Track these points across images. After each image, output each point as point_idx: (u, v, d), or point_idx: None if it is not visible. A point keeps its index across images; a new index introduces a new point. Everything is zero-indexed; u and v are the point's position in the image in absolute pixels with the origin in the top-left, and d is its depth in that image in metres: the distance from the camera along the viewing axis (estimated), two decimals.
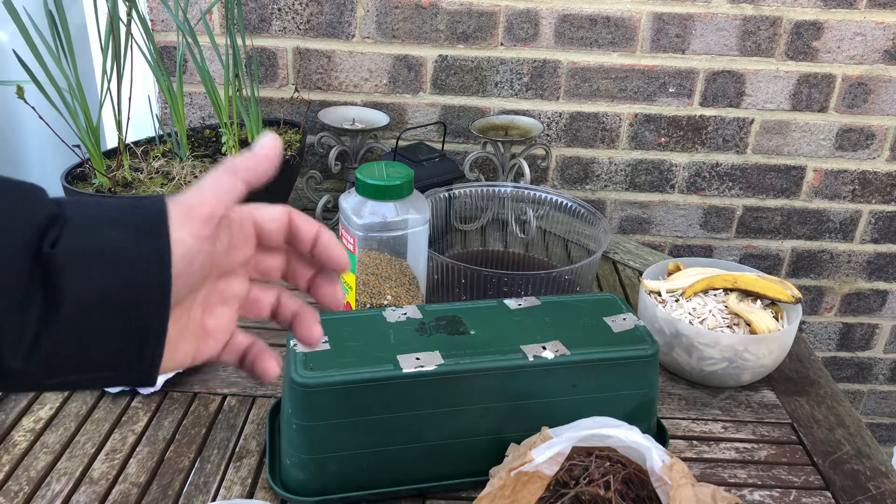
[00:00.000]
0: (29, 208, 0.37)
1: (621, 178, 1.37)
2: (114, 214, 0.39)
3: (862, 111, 1.32)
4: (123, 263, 0.37)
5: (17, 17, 0.88)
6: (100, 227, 0.37)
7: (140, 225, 0.38)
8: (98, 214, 0.38)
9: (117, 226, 0.38)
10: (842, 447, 0.81)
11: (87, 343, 0.37)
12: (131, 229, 0.38)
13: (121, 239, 0.37)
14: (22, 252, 0.36)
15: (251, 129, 1.08)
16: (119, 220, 0.38)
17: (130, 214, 0.39)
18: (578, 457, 0.65)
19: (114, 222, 0.38)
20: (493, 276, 0.89)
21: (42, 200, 0.38)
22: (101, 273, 0.37)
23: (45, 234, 0.36)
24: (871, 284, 1.47)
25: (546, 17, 1.25)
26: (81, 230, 0.37)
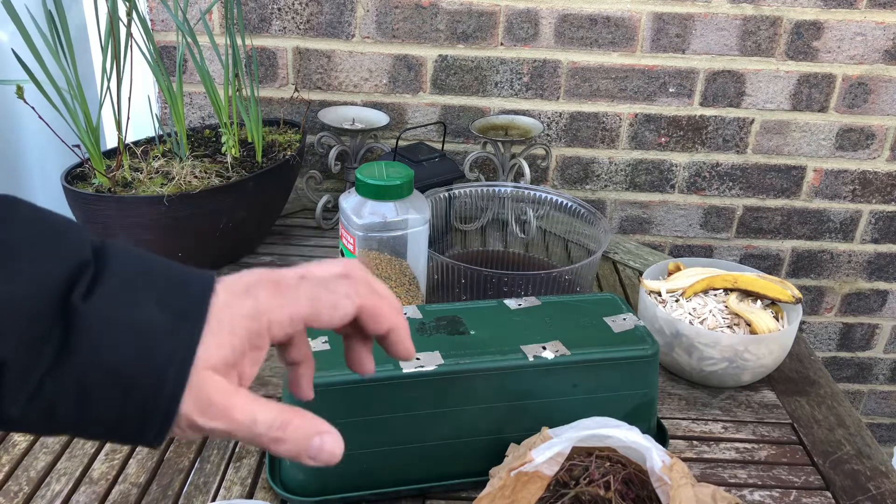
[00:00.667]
0: (62, 249, 0.36)
1: (621, 178, 1.37)
2: (158, 283, 0.37)
3: (862, 111, 1.32)
4: (150, 343, 0.36)
5: (16, 17, 0.88)
6: (138, 294, 0.36)
7: (180, 307, 0.37)
8: (140, 279, 0.37)
9: (152, 301, 0.36)
10: (842, 447, 0.81)
11: (88, 405, 0.36)
12: (170, 310, 0.36)
13: (156, 318, 0.36)
14: (45, 295, 0.34)
15: (251, 129, 1.08)
16: (157, 292, 0.37)
17: (166, 288, 0.37)
18: (578, 457, 0.65)
19: (150, 293, 0.37)
20: (493, 276, 0.89)
21: (77, 242, 0.37)
22: (125, 345, 0.35)
23: (76, 282, 0.35)
24: (872, 284, 1.47)
25: (546, 17, 1.25)
26: (119, 291, 0.36)
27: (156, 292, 0.37)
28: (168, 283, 0.38)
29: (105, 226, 0.97)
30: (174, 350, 0.36)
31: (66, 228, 0.37)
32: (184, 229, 0.98)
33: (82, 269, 0.36)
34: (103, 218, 0.96)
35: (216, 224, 1.01)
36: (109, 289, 0.36)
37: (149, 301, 0.36)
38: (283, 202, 1.14)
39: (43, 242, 0.36)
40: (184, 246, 1.00)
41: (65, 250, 0.36)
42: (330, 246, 1.17)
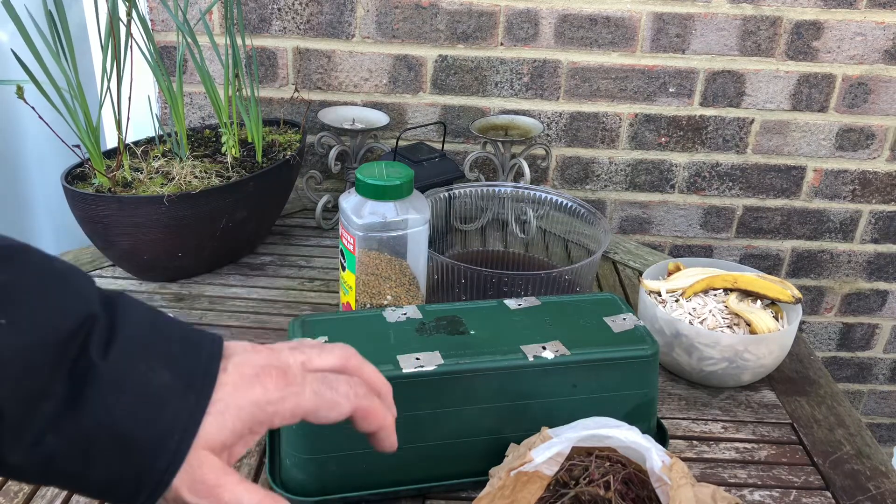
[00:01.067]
0: (68, 301, 0.36)
1: (621, 178, 1.37)
2: (172, 343, 0.38)
3: (862, 111, 1.32)
4: (157, 410, 0.37)
5: (16, 17, 0.88)
6: (153, 355, 0.37)
7: (189, 373, 0.38)
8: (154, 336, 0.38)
9: (167, 367, 0.37)
10: (842, 447, 0.81)
11: (87, 462, 0.36)
12: (180, 375, 0.37)
13: (167, 382, 0.37)
14: (46, 347, 0.35)
15: (251, 129, 1.08)
16: (169, 357, 0.38)
17: (180, 354, 0.38)
18: (578, 457, 0.65)
19: (163, 357, 0.38)
20: (493, 276, 0.89)
21: (84, 294, 0.37)
22: (135, 410, 0.36)
23: (89, 336, 0.36)
24: (871, 284, 1.47)
25: (546, 17, 1.25)
26: (137, 350, 0.37)
27: (169, 354, 0.38)
28: (179, 343, 0.39)
29: (105, 226, 0.97)
30: (177, 420, 0.37)
31: (74, 278, 0.38)
32: (184, 229, 0.98)
33: (90, 323, 0.36)
34: (103, 218, 0.96)
35: (216, 224, 1.01)
36: (127, 347, 0.37)
37: (162, 363, 0.37)
38: (283, 202, 1.14)
39: (48, 292, 0.36)
40: (184, 246, 1.00)
41: (71, 302, 0.36)
42: (330, 246, 1.17)
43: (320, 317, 0.75)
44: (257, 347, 0.43)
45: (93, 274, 1.06)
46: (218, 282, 1.06)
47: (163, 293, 1.02)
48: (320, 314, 0.77)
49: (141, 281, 1.05)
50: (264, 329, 0.96)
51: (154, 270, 1.03)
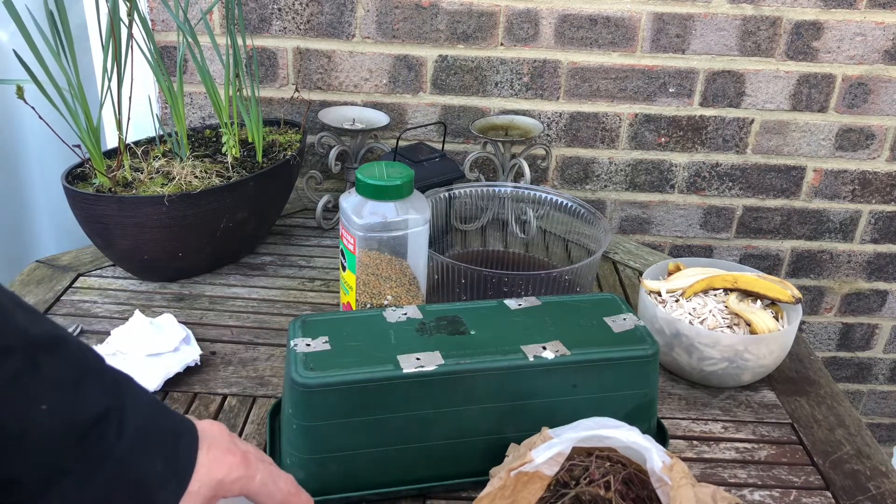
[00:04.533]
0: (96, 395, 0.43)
1: (621, 178, 1.37)
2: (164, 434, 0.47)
3: (862, 111, 1.32)
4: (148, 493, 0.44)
5: (17, 17, 0.88)
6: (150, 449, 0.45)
7: (174, 463, 0.46)
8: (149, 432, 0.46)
9: (161, 457, 0.46)
10: (842, 447, 0.81)
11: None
12: (168, 465, 0.46)
13: (159, 471, 0.45)
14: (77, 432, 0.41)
15: (251, 129, 1.08)
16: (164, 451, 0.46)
17: (171, 444, 0.47)
18: (579, 457, 0.65)
19: (160, 450, 0.46)
20: (493, 276, 0.89)
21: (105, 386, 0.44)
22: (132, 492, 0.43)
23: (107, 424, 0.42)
24: (871, 284, 1.47)
25: (546, 17, 1.25)
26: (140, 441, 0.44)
27: (163, 446, 0.46)
28: (171, 436, 0.47)
29: (105, 226, 0.97)
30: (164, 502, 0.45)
31: (99, 371, 0.44)
32: (184, 229, 0.98)
33: (109, 415, 0.43)
34: (104, 218, 0.96)
35: (216, 224, 1.01)
36: (134, 439, 0.44)
37: (157, 454, 0.45)
38: (283, 202, 1.15)
39: (81, 383, 0.43)
40: (184, 246, 1.00)
41: (97, 394, 0.43)
42: (330, 246, 1.17)
43: (320, 317, 0.75)
44: (221, 428, 0.53)
45: (93, 274, 1.06)
46: (218, 282, 1.06)
47: (163, 293, 1.02)
48: (320, 314, 0.77)
49: (141, 281, 1.05)
50: (264, 329, 0.96)
51: (154, 270, 1.04)
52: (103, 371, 0.45)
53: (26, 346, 0.41)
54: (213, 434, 0.51)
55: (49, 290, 1.01)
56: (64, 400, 0.41)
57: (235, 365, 0.89)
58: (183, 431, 0.49)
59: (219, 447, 0.50)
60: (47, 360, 0.41)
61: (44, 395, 0.40)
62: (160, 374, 0.83)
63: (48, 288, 1.02)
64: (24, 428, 0.39)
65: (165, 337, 0.87)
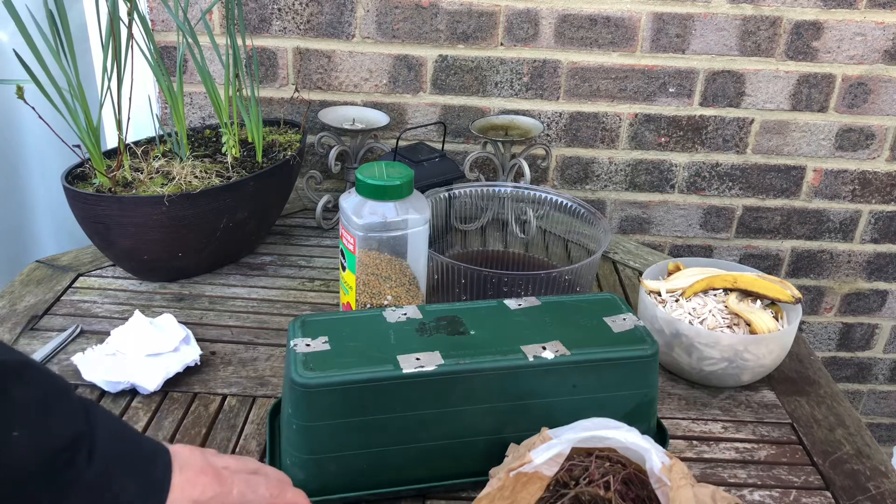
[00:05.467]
0: (65, 420, 0.43)
1: (621, 178, 1.37)
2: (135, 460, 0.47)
3: (862, 111, 1.32)
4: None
5: (16, 17, 0.88)
6: (122, 470, 0.45)
7: (149, 487, 0.47)
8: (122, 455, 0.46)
9: (134, 480, 0.46)
10: (842, 447, 0.81)
11: None
12: (142, 489, 0.46)
13: (133, 494, 0.45)
14: (48, 458, 0.41)
15: (251, 128, 1.08)
16: (137, 474, 0.46)
17: (145, 472, 0.47)
18: (578, 457, 0.65)
19: (133, 473, 0.46)
20: (493, 276, 0.89)
21: (74, 412, 0.44)
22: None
23: (76, 453, 0.42)
24: (871, 284, 1.47)
25: (546, 17, 1.25)
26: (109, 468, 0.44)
27: (135, 470, 0.46)
28: (142, 460, 0.48)
29: (105, 226, 0.97)
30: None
31: (67, 395, 0.44)
32: (184, 229, 0.98)
33: (79, 440, 0.43)
34: (103, 218, 0.96)
35: (216, 224, 1.01)
36: (105, 463, 0.44)
37: (130, 478, 0.46)
38: (283, 202, 1.15)
39: (51, 409, 0.42)
40: (184, 246, 1.01)
41: (67, 419, 0.43)
42: (330, 246, 1.17)
43: (320, 317, 0.75)
44: (194, 450, 0.54)
45: (93, 274, 1.06)
46: (218, 282, 1.06)
47: (163, 293, 1.02)
48: (320, 314, 0.77)
49: (141, 281, 1.05)
50: (264, 329, 0.96)
51: (154, 270, 1.04)
52: (71, 398, 0.45)
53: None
54: (186, 456, 0.52)
55: (49, 291, 1.01)
56: (34, 426, 0.41)
57: (235, 365, 0.89)
58: (155, 455, 0.49)
59: (191, 468, 0.51)
60: (17, 387, 0.41)
61: (14, 422, 0.40)
62: (160, 374, 0.83)
63: (48, 288, 1.02)
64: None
65: (165, 337, 0.87)
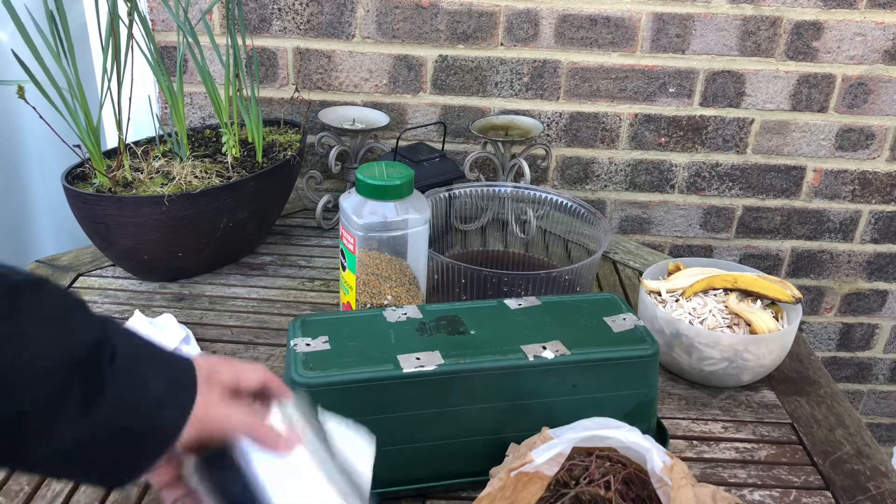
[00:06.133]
0: (86, 326, 0.44)
1: (621, 178, 1.37)
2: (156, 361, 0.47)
3: (862, 111, 1.32)
4: (151, 409, 0.45)
5: (16, 17, 0.88)
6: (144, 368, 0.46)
7: (174, 382, 0.47)
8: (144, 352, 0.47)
9: (159, 376, 0.46)
10: (842, 447, 0.81)
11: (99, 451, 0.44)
12: (168, 383, 0.47)
13: (157, 389, 0.46)
14: (66, 362, 0.42)
15: (251, 129, 1.08)
16: (160, 370, 0.47)
17: (168, 368, 0.48)
18: (579, 457, 0.65)
19: (155, 370, 0.47)
20: (493, 276, 0.89)
21: (92, 322, 0.45)
22: (134, 410, 0.44)
23: (100, 353, 0.43)
24: (871, 284, 1.47)
25: (546, 17, 1.25)
26: (131, 364, 0.45)
27: (160, 373, 0.47)
28: (164, 360, 0.48)
29: (105, 226, 0.97)
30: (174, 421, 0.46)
31: (85, 306, 0.46)
32: (184, 229, 0.98)
33: (102, 344, 0.44)
34: (104, 218, 0.96)
35: (216, 224, 1.01)
36: (128, 363, 0.45)
37: (155, 375, 0.46)
38: (283, 202, 1.14)
39: (72, 315, 0.44)
40: (184, 246, 1.00)
41: (87, 325, 0.44)
42: (330, 246, 1.17)
43: (320, 317, 0.75)
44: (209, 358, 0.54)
45: (93, 273, 1.06)
46: (218, 282, 1.06)
47: (163, 293, 1.02)
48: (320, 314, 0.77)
49: (141, 281, 1.05)
50: (264, 329, 0.96)
51: (154, 270, 1.03)
52: (87, 309, 0.46)
53: (9, 290, 0.42)
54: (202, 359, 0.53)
55: None
56: (55, 333, 0.42)
57: None
58: (178, 359, 0.50)
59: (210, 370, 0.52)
60: (33, 299, 0.43)
61: (34, 330, 0.41)
62: None
63: None
64: (19, 361, 0.40)
65: (165, 337, 0.87)
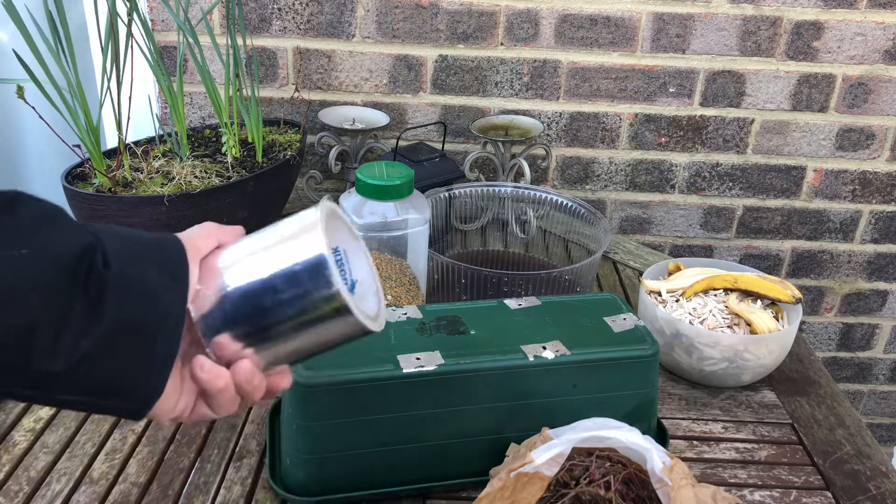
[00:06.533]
0: (69, 231, 0.44)
1: (621, 178, 1.37)
2: (147, 253, 0.48)
3: (862, 111, 1.32)
4: (155, 299, 0.45)
5: (16, 17, 0.88)
6: (138, 263, 0.46)
7: (169, 269, 0.47)
8: (133, 252, 0.47)
9: (152, 266, 0.47)
10: (842, 447, 0.81)
11: (114, 351, 0.44)
12: (163, 272, 0.47)
13: (155, 281, 0.46)
14: (59, 268, 0.42)
15: (251, 128, 1.08)
16: (154, 259, 0.47)
17: (159, 257, 0.48)
18: (579, 457, 0.65)
19: (150, 260, 0.47)
20: (493, 276, 0.89)
21: (78, 227, 0.45)
22: (139, 302, 0.45)
23: (93, 257, 0.43)
24: (872, 284, 1.47)
25: (546, 17, 1.25)
26: (125, 261, 0.45)
27: (150, 257, 0.47)
28: (154, 247, 0.49)
29: None
30: (172, 305, 0.46)
31: (66, 214, 0.46)
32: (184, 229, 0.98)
33: (91, 246, 0.44)
34: (103, 218, 0.96)
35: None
36: (120, 259, 0.45)
37: (147, 265, 0.46)
38: (283, 202, 1.14)
39: (54, 225, 0.44)
40: None
41: (72, 232, 0.44)
42: None
43: None
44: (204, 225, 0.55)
45: None
46: None
47: None
48: None
49: None
50: None
51: None
52: (68, 217, 0.46)
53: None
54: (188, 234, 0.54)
55: None
56: (41, 243, 0.42)
57: None
58: (165, 241, 0.50)
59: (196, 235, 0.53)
60: (11, 215, 0.43)
61: (19, 243, 0.41)
62: None
63: None
64: (11, 275, 0.41)
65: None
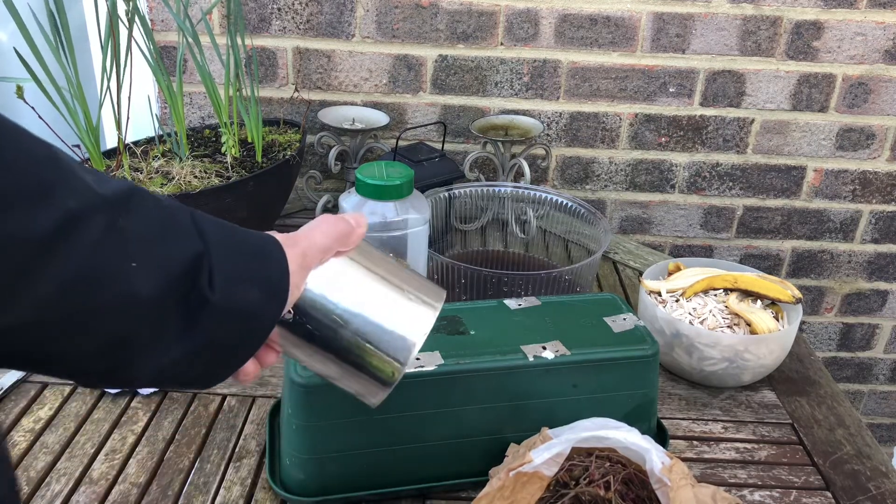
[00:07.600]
0: (180, 243, 0.43)
1: (621, 178, 1.37)
2: (251, 271, 0.46)
3: (862, 111, 1.32)
4: (249, 323, 0.45)
5: (17, 16, 0.88)
6: (241, 284, 0.45)
7: (270, 289, 0.46)
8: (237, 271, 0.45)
9: (255, 286, 0.45)
10: (842, 447, 0.81)
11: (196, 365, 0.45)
12: (264, 292, 0.46)
13: (255, 302, 0.45)
14: (173, 284, 0.41)
15: (251, 128, 1.08)
16: (257, 279, 0.46)
17: (262, 277, 0.46)
18: (578, 457, 0.65)
19: (253, 280, 0.45)
20: (493, 276, 0.89)
21: (187, 233, 0.43)
22: (234, 324, 0.45)
23: (198, 273, 0.42)
24: (872, 284, 1.47)
25: (546, 17, 1.25)
26: (230, 281, 0.44)
27: (254, 274, 0.46)
28: (257, 260, 0.47)
29: None
30: (266, 324, 0.46)
31: (179, 214, 0.44)
32: None
33: (198, 260, 0.43)
34: None
35: None
36: (225, 278, 0.44)
37: (250, 284, 0.45)
38: (283, 202, 1.14)
39: (165, 234, 0.42)
40: None
41: (182, 241, 0.43)
42: None
43: None
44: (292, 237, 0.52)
45: None
46: None
47: None
48: None
49: None
50: None
51: None
52: (181, 217, 0.44)
53: (105, 208, 0.39)
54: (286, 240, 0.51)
55: None
56: (152, 255, 0.41)
57: None
58: (268, 250, 0.48)
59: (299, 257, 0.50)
60: (128, 219, 0.40)
61: (132, 253, 0.40)
62: None
63: None
64: (117, 287, 0.39)
65: None
